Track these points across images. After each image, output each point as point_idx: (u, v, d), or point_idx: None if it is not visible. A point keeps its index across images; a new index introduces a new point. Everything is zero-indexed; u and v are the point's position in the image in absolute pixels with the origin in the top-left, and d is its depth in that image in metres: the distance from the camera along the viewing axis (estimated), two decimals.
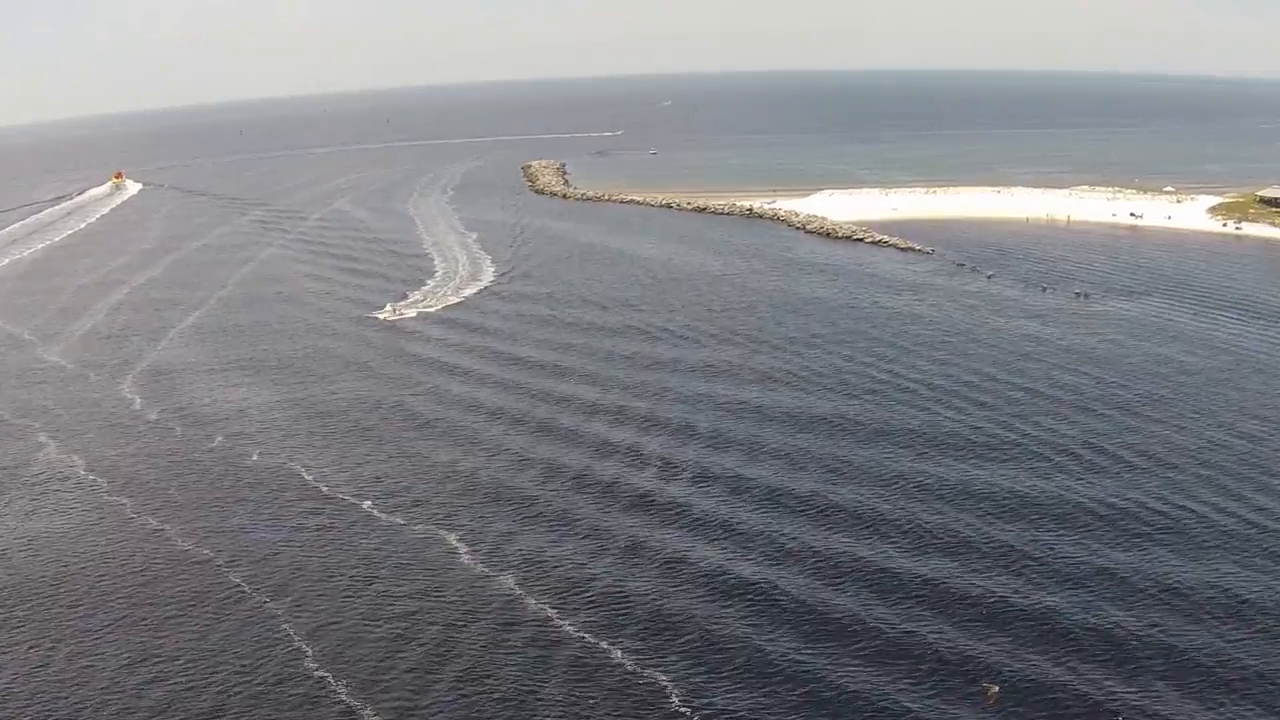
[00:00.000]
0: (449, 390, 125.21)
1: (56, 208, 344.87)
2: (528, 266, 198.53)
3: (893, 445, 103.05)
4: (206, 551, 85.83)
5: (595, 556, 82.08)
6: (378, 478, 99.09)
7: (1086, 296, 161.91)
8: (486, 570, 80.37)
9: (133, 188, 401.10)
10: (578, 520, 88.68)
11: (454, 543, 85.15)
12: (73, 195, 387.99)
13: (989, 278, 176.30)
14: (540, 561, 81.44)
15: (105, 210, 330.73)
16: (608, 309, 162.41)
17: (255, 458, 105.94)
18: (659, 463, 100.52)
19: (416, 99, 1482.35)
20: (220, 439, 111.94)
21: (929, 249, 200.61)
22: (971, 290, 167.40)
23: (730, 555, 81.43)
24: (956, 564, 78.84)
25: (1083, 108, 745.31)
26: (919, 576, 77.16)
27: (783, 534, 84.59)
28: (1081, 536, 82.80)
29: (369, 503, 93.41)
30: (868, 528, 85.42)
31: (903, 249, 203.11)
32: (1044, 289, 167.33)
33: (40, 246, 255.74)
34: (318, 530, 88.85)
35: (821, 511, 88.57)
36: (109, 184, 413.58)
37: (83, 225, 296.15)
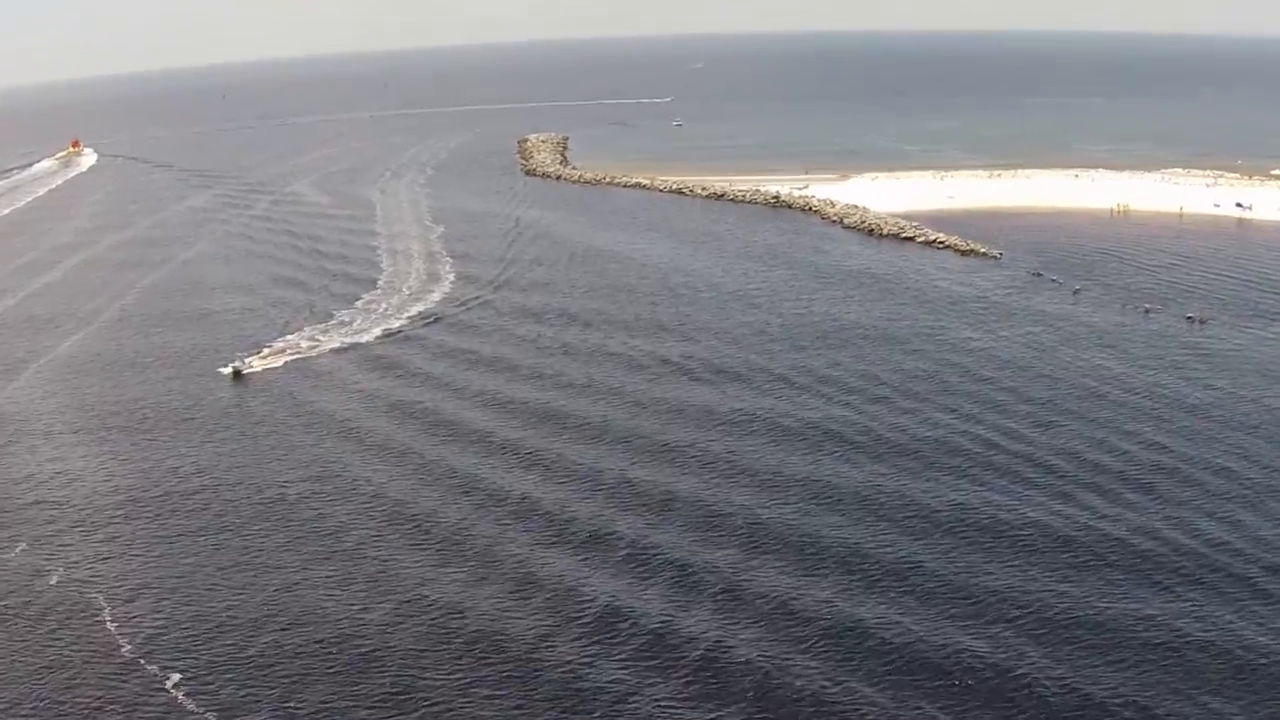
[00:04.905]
0: (307, 507, 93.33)
1: None
2: (492, 277, 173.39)
3: (954, 536, 78.12)
4: None
5: None
6: (200, 635, 73.01)
7: (1202, 322, 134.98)
8: None
9: (88, 159, 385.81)
10: None
11: None
12: (21, 169, 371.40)
13: (1075, 293, 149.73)
14: None
15: (43, 191, 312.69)
16: (573, 350, 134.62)
17: (54, 581, 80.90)
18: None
19: (422, 61, 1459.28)
20: (24, 545, 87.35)
21: (996, 252, 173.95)
22: (1054, 313, 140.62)
23: None
24: None
25: (1155, 72, 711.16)
26: None
27: None
28: None
29: (177, 675, 67.94)
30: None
31: (963, 252, 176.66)
32: (1146, 310, 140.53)
33: None
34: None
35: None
36: (62, 154, 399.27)
37: (8, 211, 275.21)
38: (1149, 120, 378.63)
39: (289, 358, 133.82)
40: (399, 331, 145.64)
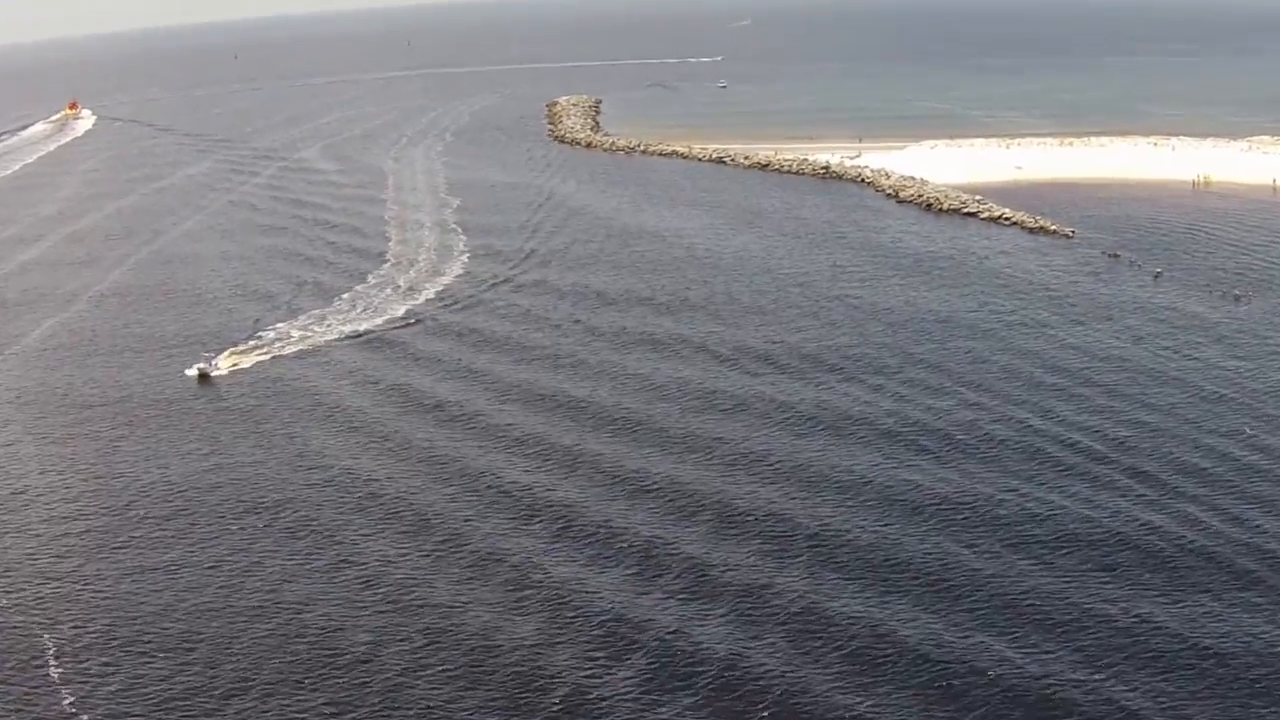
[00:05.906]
0: (300, 531, 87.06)
1: None
2: (512, 258, 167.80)
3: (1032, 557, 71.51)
4: None
5: None
6: (167, 699, 66.76)
7: None
8: None
9: (86, 122, 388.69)
10: None
11: None
12: (13, 132, 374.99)
13: (1156, 277, 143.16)
14: None
15: (34, 157, 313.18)
16: (609, 340, 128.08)
17: None
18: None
19: (449, 16, 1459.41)
20: None
21: (1069, 229, 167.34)
22: (1136, 299, 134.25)
23: None
24: None
25: (1239, 28, 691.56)
26: None
27: None
28: None
29: None
30: None
31: (1032, 229, 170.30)
32: (1236, 296, 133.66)
33: None
34: None
35: None
36: (59, 117, 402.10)
37: None
38: (1233, 81, 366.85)
39: (277, 352, 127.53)
40: (403, 320, 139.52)
